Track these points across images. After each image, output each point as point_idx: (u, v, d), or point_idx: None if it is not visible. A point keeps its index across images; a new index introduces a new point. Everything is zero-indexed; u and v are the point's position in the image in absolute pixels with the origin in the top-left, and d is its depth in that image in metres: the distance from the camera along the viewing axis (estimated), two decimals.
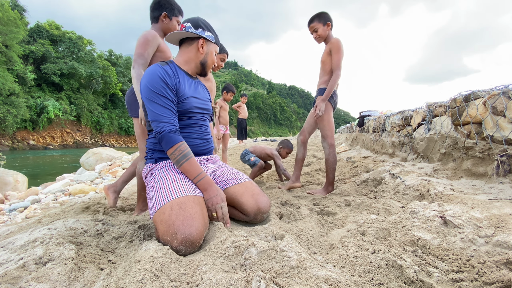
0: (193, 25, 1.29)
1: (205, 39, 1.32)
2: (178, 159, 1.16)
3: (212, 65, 1.40)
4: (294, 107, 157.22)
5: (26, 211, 2.68)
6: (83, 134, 34.79)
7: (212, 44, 1.35)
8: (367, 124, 4.94)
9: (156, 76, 1.18)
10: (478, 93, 1.70)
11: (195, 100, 1.33)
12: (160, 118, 1.17)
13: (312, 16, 2.12)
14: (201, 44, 1.31)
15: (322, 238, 1.11)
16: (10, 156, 15.21)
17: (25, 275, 0.74)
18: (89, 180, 4.35)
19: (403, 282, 0.72)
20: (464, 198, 1.28)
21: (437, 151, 2.17)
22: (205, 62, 1.35)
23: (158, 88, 1.18)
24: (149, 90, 1.18)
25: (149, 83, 1.18)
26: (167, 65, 1.26)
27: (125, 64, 44.79)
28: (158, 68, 1.21)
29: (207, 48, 1.34)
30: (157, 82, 1.18)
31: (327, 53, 2.09)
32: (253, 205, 1.25)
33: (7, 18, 24.42)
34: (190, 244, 0.95)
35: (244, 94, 6.58)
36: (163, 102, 1.18)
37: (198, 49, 1.31)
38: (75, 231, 1.08)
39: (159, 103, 1.17)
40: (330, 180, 2.12)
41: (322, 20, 2.07)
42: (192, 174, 1.17)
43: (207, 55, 1.35)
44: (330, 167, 2.12)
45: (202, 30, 1.30)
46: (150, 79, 1.18)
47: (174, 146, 1.15)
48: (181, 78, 1.28)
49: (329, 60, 2.09)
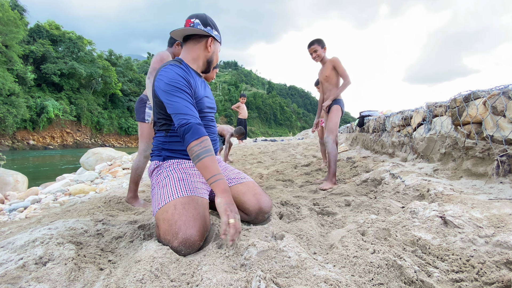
0: (201, 22, 1.27)
1: (214, 38, 1.31)
2: (200, 152, 1.06)
3: (216, 63, 1.42)
4: (294, 107, 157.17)
5: (26, 211, 2.68)
6: (83, 134, 34.77)
7: (217, 43, 1.36)
8: (367, 124, 4.94)
9: (177, 74, 1.16)
10: (478, 93, 1.70)
11: (207, 100, 1.34)
12: (185, 110, 1.11)
13: (312, 41, 2.53)
14: (210, 43, 1.30)
15: (322, 238, 1.11)
16: (10, 156, 15.20)
17: (25, 275, 0.74)
18: (89, 180, 4.35)
19: (403, 282, 0.72)
20: (464, 198, 1.28)
21: (437, 151, 2.17)
22: (211, 60, 1.36)
23: (180, 83, 1.15)
24: (171, 86, 1.13)
25: (170, 80, 1.14)
26: (181, 64, 1.24)
27: (125, 64, 44.76)
28: (176, 67, 1.19)
29: (214, 47, 1.34)
30: (178, 79, 1.15)
31: (331, 69, 2.49)
32: (255, 204, 1.25)
33: (7, 18, 24.40)
34: (190, 245, 0.95)
35: (243, 94, 6.57)
36: (186, 97, 1.15)
37: (207, 47, 1.31)
38: (75, 231, 1.08)
39: (182, 97, 1.13)
40: (333, 171, 2.35)
41: (321, 44, 2.50)
42: (211, 172, 1.05)
43: (214, 54, 1.35)
44: (332, 160, 2.36)
45: (210, 28, 1.29)
46: (171, 76, 1.15)
47: (200, 138, 1.07)
48: (194, 78, 1.27)
49: (333, 74, 2.50)
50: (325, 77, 2.55)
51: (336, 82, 2.52)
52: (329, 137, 2.40)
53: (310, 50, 2.53)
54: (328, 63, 2.51)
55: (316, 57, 2.52)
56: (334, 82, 2.53)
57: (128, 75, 43.40)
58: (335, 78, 2.51)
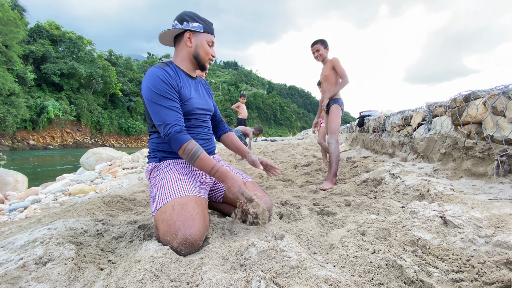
0: (178, 20, 1.25)
1: (191, 31, 1.26)
2: (190, 157, 1.13)
3: (208, 56, 1.31)
4: (294, 107, 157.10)
5: (26, 211, 2.68)
6: (83, 134, 34.78)
7: (201, 34, 1.27)
8: (367, 124, 4.94)
9: (158, 78, 1.15)
10: (478, 93, 1.70)
11: (197, 101, 1.30)
12: (165, 119, 1.13)
13: (315, 40, 2.62)
14: (188, 38, 1.26)
15: (322, 238, 1.11)
16: (10, 156, 15.20)
17: (25, 275, 0.74)
18: (89, 180, 4.35)
19: (403, 282, 0.72)
20: (464, 198, 1.28)
21: (437, 151, 2.17)
22: (197, 55, 1.28)
23: (161, 89, 1.14)
24: (152, 92, 1.14)
25: (151, 85, 1.15)
26: (168, 66, 1.24)
27: (125, 64, 44.77)
28: (159, 69, 1.18)
29: (196, 40, 1.27)
30: (159, 84, 1.15)
31: (330, 69, 2.57)
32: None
33: (7, 18, 24.41)
34: (190, 245, 0.95)
35: (243, 94, 6.55)
36: (168, 104, 1.15)
37: (186, 43, 1.27)
38: (75, 231, 1.08)
39: (163, 105, 1.14)
40: (334, 171, 2.38)
41: (324, 44, 2.58)
42: (206, 169, 1.14)
43: (197, 47, 1.27)
44: (334, 160, 2.40)
45: (187, 23, 1.24)
46: (152, 81, 1.15)
47: (182, 146, 1.11)
48: (182, 79, 1.26)
49: (332, 74, 2.58)
50: (325, 76, 2.63)
51: (334, 82, 2.59)
52: (332, 138, 2.45)
53: (313, 49, 2.62)
54: (328, 63, 2.59)
55: (318, 56, 2.61)
56: (333, 82, 2.60)
57: (128, 75, 43.39)
58: (334, 77, 2.59)
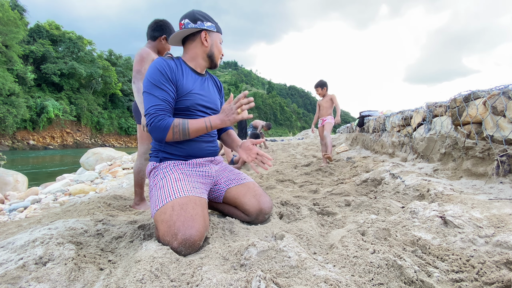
0: (191, 20, 1.26)
1: (207, 31, 1.28)
2: (182, 134, 1.15)
3: (220, 54, 1.35)
4: (294, 107, 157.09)
5: (26, 211, 2.68)
6: (83, 134, 34.78)
7: (214, 33, 1.31)
8: (367, 124, 4.94)
9: (156, 69, 1.17)
10: (478, 93, 1.70)
11: (199, 97, 1.28)
12: (149, 110, 1.13)
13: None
14: (204, 37, 1.27)
15: (322, 238, 1.11)
16: (10, 156, 15.20)
17: (25, 275, 0.74)
18: (89, 180, 4.34)
19: (403, 282, 0.72)
20: (464, 198, 1.28)
21: (437, 151, 2.17)
22: (212, 53, 1.31)
23: (156, 79, 1.16)
24: (148, 82, 1.17)
25: (149, 76, 1.17)
26: (173, 60, 1.25)
27: (125, 64, 44.76)
28: (160, 61, 1.20)
29: (211, 39, 1.30)
30: (156, 74, 1.16)
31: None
32: (255, 205, 1.25)
33: (7, 18, 24.42)
34: (190, 246, 0.95)
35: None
36: (158, 94, 1.15)
37: (202, 42, 1.28)
38: (75, 231, 1.08)
39: (154, 95, 1.15)
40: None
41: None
42: (203, 130, 1.18)
43: (213, 46, 1.30)
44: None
45: (201, 22, 1.26)
46: (151, 72, 1.18)
47: (169, 131, 1.13)
48: (185, 73, 1.25)
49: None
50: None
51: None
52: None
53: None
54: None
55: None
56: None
57: (128, 75, 43.37)
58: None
